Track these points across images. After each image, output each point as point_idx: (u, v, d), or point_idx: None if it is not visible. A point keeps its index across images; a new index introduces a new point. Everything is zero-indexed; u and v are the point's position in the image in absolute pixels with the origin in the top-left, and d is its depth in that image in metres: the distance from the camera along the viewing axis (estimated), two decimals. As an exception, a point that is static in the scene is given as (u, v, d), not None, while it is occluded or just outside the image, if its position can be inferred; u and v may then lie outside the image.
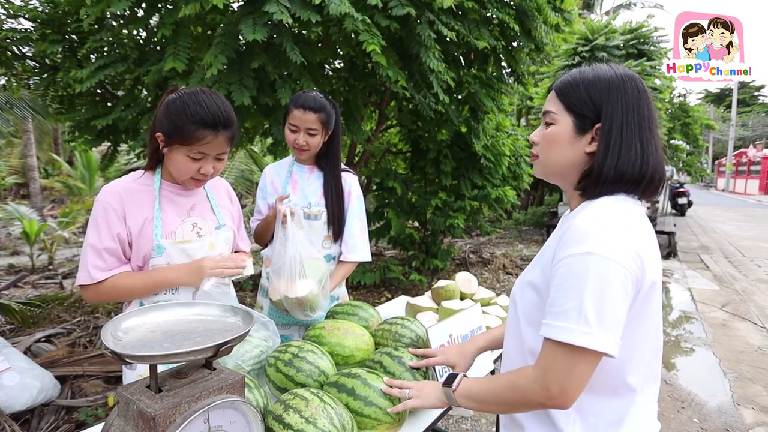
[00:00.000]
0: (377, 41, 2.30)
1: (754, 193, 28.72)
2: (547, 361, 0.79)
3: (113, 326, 0.86)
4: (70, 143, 3.47)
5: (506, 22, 3.07)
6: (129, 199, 1.28)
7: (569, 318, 0.77)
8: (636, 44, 7.70)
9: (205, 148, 1.25)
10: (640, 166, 0.84)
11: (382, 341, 1.52)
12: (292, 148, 1.80)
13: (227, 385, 0.86)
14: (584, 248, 0.77)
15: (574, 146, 0.89)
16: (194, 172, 1.28)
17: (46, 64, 3.17)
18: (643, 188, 0.87)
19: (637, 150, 0.84)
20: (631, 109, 0.85)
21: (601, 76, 0.87)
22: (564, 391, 0.78)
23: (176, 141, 1.23)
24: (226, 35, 2.34)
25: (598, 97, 0.86)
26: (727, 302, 5.51)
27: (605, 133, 0.85)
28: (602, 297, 0.76)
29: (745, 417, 2.99)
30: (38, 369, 2.64)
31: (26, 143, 10.67)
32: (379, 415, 1.13)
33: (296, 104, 1.73)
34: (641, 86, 0.87)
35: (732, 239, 10.32)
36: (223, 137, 1.26)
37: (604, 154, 0.85)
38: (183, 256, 1.32)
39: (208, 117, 1.22)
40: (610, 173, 0.84)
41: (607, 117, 0.85)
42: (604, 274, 0.76)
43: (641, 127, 0.85)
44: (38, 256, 6.67)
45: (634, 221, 0.83)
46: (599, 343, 0.75)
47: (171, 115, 1.23)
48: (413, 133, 5.05)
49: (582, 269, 0.77)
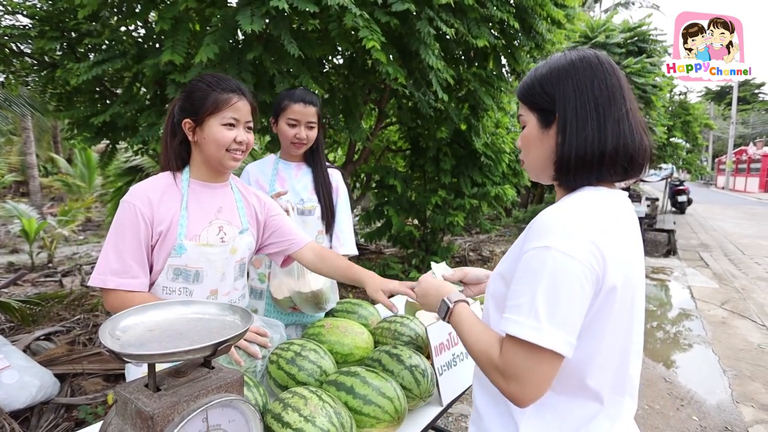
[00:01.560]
0: (377, 37, 2.29)
1: (754, 191, 28.72)
2: (508, 355, 0.78)
3: (111, 325, 0.86)
4: (69, 141, 3.46)
5: (506, 20, 3.05)
6: (158, 202, 1.26)
7: (521, 312, 0.76)
8: (636, 42, 7.68)
9: (234, 111, 1.28)
10: (598, 144, 0.81)
11: (382, 339, 1.52)
12: (291, 144, 1.80)
13: (226, 384, 0.86)
14: (543, 242, 0.76)
15: (544, 141, 0.89)
16: (231, 141, 1.28)
17: (44, 62, 3.15)
18: (612, 167, 0.83)
19: (593, 129, 0.81)
20: (585, 89, 0.83)
21: (552, 67, 0.87)
22: (522, 388, 0.75)
23: (207, 113, 1.26)
24: (222, 26, 2.33)
25: (551, 88, 0.86)
26: (727, 300, 5.52)
27: (560, 120, 0.85)
28: (556, 293, 0.74)
29: (744, 415, 3.00)
30: (38, 367, 2.64)
31: (25, 141, 10.65)
32: (378, 413, 1.13)
33: (294, 99, 1.75)
34: (596, 63, 0.85)
35: (732, 237, 10.32)
36: (247, 103, 1.31)
37: (562, 140, 0.84)
38: (203, 259, 1.29)
39: (228, 85, 1.29)
40: (571, 158, 0.83)
41: (560, 104, 0.84)
42: (560, 270, 0.74)
43: (597, 104, 0.82)
44: (38, 254, 6.67)
45: (604, 217, 0.81)
46: (547, 340, 0.73)
47: (194, 96, 1.27)
48: (413, 130, 5.04)
49: (538, 264, 0.76)
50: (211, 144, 1.27)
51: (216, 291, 1.35)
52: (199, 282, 1.30)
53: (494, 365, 0.80)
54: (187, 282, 1.29)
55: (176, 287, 1.29)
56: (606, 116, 0.82)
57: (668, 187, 13.75)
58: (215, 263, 1.32)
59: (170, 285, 1.29)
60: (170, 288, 1.29)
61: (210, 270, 1.32)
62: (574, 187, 0.87)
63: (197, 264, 1.29)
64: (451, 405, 1.40)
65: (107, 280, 1.21)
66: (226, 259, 1.35)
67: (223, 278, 1.35)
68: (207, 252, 1.30)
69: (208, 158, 1.31)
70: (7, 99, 5.12)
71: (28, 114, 6.78)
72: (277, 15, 2.29)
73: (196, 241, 1.29)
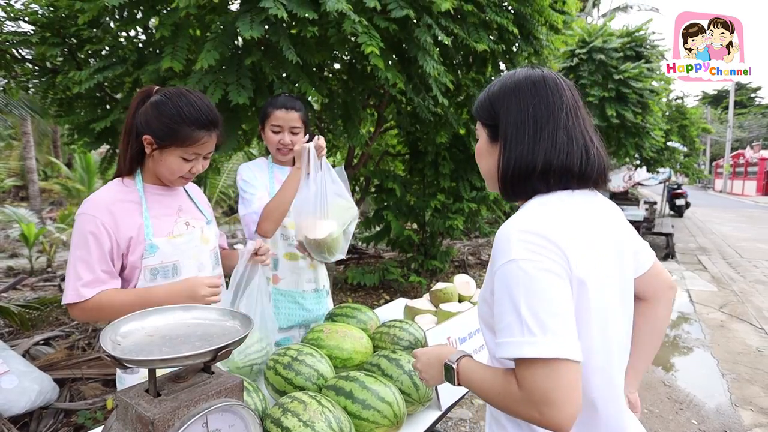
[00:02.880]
0: (376, 43, 2.30)
1: (752, 194, 28.78)
2: (526, 382, 0.74)
3: (112, 330, 0.87)
4: (69, 146, 3.47)
5: (505, 25, 3.08)
6: (119, 211, 1.25)
7: (513, 332, 0.74)
8: (633, 47, 7.72)
9: (200, 149, 1.28)
10: (531, 158, 0.85)
11: (381, 344, 1.53)
12: (276, 150, 1.81)
13: (226, 389, 0.86)
14: (506, 257, 0.78)
15: (492, 154, 0.94)
16: (186, 172, 1.30)
17: (45, 67, 3.17)
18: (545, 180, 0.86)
19: (528, 144, 0.85)
20: (525, 105, 0.87)
21: (501, 85, 0.92)
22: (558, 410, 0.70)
23: (171, 144, 1.24)
24: (222, 33, 2.34)
25: (497, 103, 0.91)
26: (725, 303, 5.52)
27: (501, 136, 0.90)
28: (537, 301, 0.73)
29: (743, 418, 3.00)
30: (37, 372, 2.64)
31: (25, 145, 10.67)
32: (377, 418, 1.13)
33: (276, 106, 1.77)
34: (539, 81, 0.88)
35: (730, 240, 10.34)
36: (215, 136, 1.30)
37: (501, 154, 0.90)
38: (177, 251, 1.31)
39: (203, 118, 1.24)
40: (508, 171, 0.88)
41: (502, 120, 0.90)
42: (530, 277, 0.74)
43: (535, 121, 0.86)
44: (37, 259, 6.66)
45: (559, 216, 0.82)
46: (551, 350, 0.71)
47: (164, 118, 1.22)
48: (412, 135, 5.05)
49: (510, 279, 0.76)
50: (165, 170, 1.29)
51: None
52: (178, 274, 1.32)
53: (519, 399, 0.75)
54: (166, 278, 1.30)
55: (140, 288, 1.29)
56: (541, 132, 0.85)
57: (666, 191, 13.78)
58: (188, 251, 1.34)
59: (150, 285, 1.28)
60: None
61: (186, 260, 1.34)
62: (516, 197, 0.92)
63: (172, 258, 1.31)
64: (450, 409, 1.41)
65: (83, 293, 1.19)
66: (198, 247, 1.37)
67: (201, 268, 1.37)
68: (178, 243, 1.32)
69: (159, 175, 1.33)
70: (8, 103, 5.13)
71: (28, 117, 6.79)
72: (276, 22, 2.31)
73: (167, 236, 1.31)
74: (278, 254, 1.84)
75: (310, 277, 1.90)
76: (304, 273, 1.87)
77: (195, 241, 1.37)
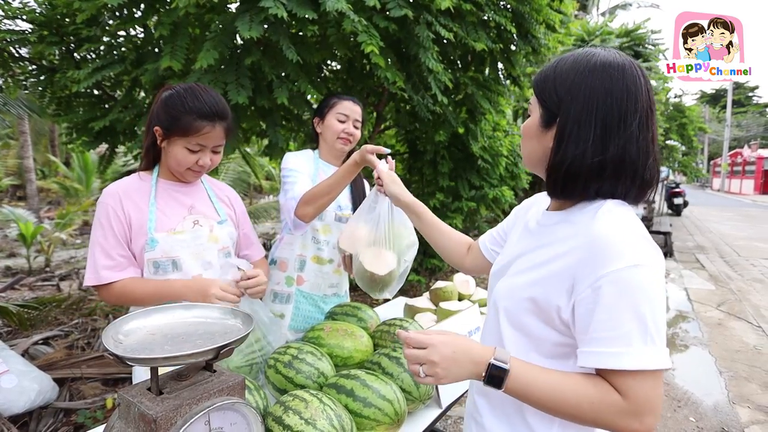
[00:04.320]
0: (375, 42, 2.31)
1: (749, 193, 28.88)
2: (638, 393, 0.71)
3: (114, 329, 0.87)
4: (67, 145, 3.46)
5: (503, 24, 3.08)
6: (126, 198, 1.32)
7: (632, 341, 0.70)
8: (632, 46, 7.74)
9: (202, 140, 1.30)
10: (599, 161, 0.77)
11: (381, 342, 1.53)
12: (338, 138, 1.80)
13: (228, 387, 0.87)
14: (627, 261, 0.71)
15: (541, 140, 0.85)
16: (192, 163, 1.32)
17: (43, 66, 3.16)
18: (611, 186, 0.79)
19: (594, 144, 0.77)
20: (595, 100, 0.77)
21: (575, 66, 0.80)
22: (656, 418, 0.71)
23: (175, 133, 1.28)
24: (222, 32, 2.34)
25: (562, 89, 0.80)
26: (723, 302, 5.55)
27: (560, 128, 0.80)
28: (658, 311, 0.71)
29: (740, 416, 3.02)
30: (36, 371, 2.64)
31: (23, 144, 10.63)
32: (378, 415, 1.14)
33: (343, 97, 1.83)
34: (618, 74, 0.77)
35: (727, 239, 10.38)
36: (219, 129, 1.31)
37: (556, 149, 0.80)
38: (177, 247, 1.32)
39: (205, 109, 1.27)
40: (561, 169, 0.79)
41: (566, 110, 0.79)
42: (655, 285, 0.71)
43: (606, 119, 0.77)
44: (35, 258, 6.65)
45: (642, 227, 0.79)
46: (667, 361, 0.71)
47: (169, 109, 1.28)
48: (411, 134, 5.06)
49: (634, 285, 0.70)
50: (173, 161, 1.33)
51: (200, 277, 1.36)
52: (179, 270, 1.34)
53: (621, 410, 0.71)
54: (166, 273, 1.33)
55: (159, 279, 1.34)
56: (609, 138, 0.77)
57: (664, 190, 13.82)
58: (190, 249, 1.35)
59: (153, 278, 1.33)
60: None
61: (187, 257, 1.34)
62: (564, 196, 0.84)
63: (172, 253, 1.33)
64: (451, 407, 1.42)
65: (101, 277, 1.26)
66: (203, 246, 1.37)
67: (207, 266, 1.38)
68: (179, 239, 1.33)
69: (170, 168, 1.38)
70: (6, 102, 5.12)
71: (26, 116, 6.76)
72: (275, 21, 2.30)
73: (168, 231, 1.33)
74: (306, 256, 1.80)
75: (334, 282, 1.88)
76: (329, 278, 1.85)
77: (201, 239, 1.37)
